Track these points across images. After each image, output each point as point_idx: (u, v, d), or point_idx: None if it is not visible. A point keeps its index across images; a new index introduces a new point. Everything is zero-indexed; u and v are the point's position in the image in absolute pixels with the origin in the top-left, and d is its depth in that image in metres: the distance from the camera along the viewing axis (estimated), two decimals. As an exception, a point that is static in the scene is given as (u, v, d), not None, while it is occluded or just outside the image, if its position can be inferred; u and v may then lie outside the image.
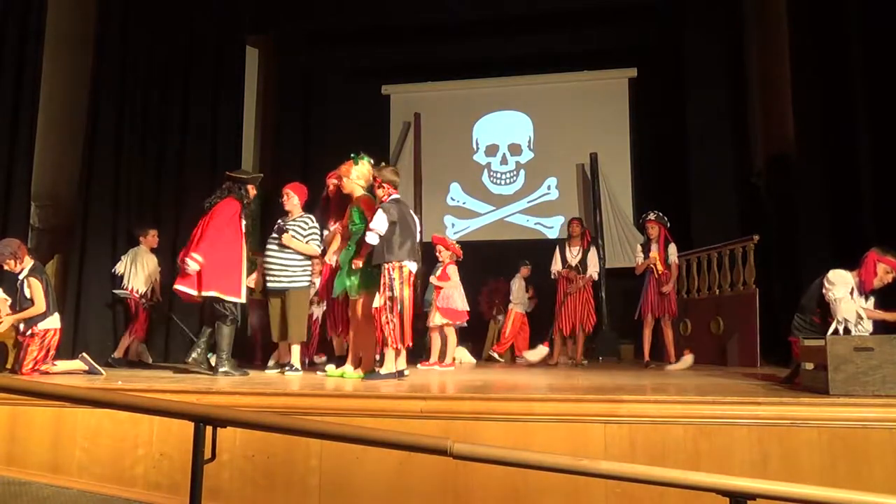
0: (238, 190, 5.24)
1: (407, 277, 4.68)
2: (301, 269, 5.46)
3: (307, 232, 5.46)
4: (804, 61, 6.69)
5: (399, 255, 4.64)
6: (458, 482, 3.21)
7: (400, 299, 4.61)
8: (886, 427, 3.11)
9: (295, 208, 5.59)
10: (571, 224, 7.31)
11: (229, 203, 5.14)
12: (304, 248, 5.43)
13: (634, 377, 5.15)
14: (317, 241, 5.50)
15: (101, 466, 3.55)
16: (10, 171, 5.89)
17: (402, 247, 4.65)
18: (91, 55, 6.80)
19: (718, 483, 2.02)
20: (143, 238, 6.52)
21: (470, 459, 2.20)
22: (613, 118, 10.17)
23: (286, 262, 5.41)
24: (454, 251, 6.70)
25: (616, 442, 3.22)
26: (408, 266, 4.68)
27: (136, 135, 7.03)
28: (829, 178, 6.31)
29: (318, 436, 2.59)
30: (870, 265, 4.14)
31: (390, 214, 4.66)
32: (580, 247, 7.12)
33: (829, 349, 3.41)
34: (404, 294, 4.64)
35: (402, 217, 4.72)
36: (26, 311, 4.92)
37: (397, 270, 4.63)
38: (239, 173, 5.44)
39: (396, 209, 4.72)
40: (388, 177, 4.88)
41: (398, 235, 4.66)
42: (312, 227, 5.50)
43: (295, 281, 5.43)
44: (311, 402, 3.57)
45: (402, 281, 4.63)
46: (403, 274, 4.65)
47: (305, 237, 5.45)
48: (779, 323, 6.52)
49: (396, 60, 10.48)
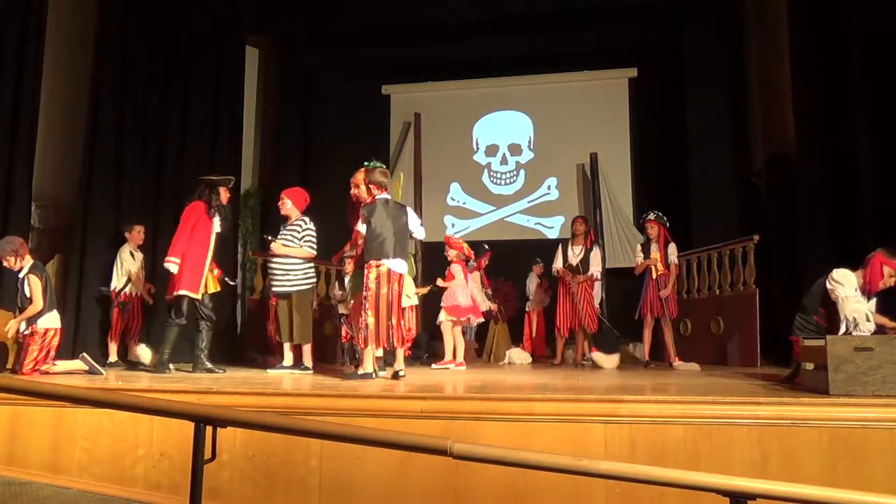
0: (208, 193, 5.41)
1: (385, 276, 4.66)
2: (302, 272, 5.57)
3: (300, 235, 5.55)
4: (804, 61, 6.69)
5: (375, 254, 4.68)
6: (459, 482, 3.21)
7: (376, 298, 4.61)
8: (887, 427, 3.10)
9: (291, 212, 5.65)
10: (575, 222, 7.30)
11: (194, 206, 5.37)
12: (297, 252, 5.52)
13: (634, 377, 5.15)
14: (310, 244, 5.56)
15: (102, 466, 3.55)
16: (10, 171, 5.88)
17: (380, 245, 4.68)
18: (91, 55, 6.80)
19: (718, 483, 2.02)
20: (129, 234, 6.47)
21: (470, 459, 2.20)
22: (613, 118, 10.17)
23: (287, 266, 5.53)
24: (459, 250, 6.69)
25: (616, 442, 3.22)
26: (386, 264, 4.68)
27: (136, 135, 7.03)
28: (830, 178, 6.31)
29: (319, 436, 2.59)
30: (876, 266, 4.11)
31: (366, 213, 4.74)
32: (583, 246, 7.11)
33: (830, 349, 3.41)
34: (381, 293, 4.63)
35: (379, 216, 4.74)
36: (27, 311, 4.93)
37: (374, 269, 4.66)
38: (210, 176, 5.60)
39: (375, 208, 4.76)
40: (375, 178, 4.89)
41: (374, 235, 4.70)
42: (306, 229, 5.57)
43: (298, 284, 5.54)
44: (312, 402, 3.57)
45: (379, 279, 4.64)
46: (381, 272, 4.65)
47: (299, 240, 5.54)
48: (779, 323, 6.51)
49: (396, 60, 10.48)
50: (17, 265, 4.99)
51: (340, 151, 10.22)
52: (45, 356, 4.96)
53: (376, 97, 10.83)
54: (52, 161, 6.66)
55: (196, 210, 5.36)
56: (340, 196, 10.53)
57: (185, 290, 5.23)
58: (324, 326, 8.18)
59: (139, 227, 6.52)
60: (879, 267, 4.11)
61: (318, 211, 5.59)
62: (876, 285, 4.11)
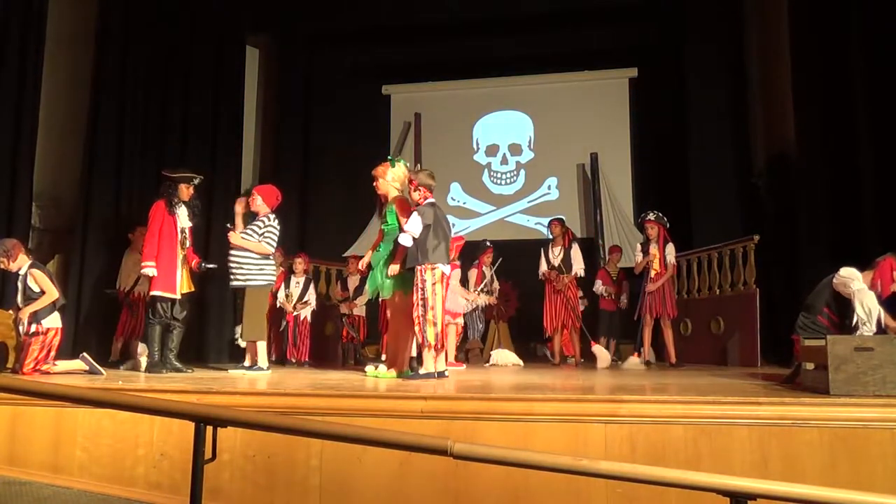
0: (168, 189, 5.44)
1: (440, 279, 4.76)
2: (257, 267, 5.49)
3: (262, 231, 5.50)
4: (804, 61, 6.69)
5: (432, 258, 4.72)
6: (459, 482, 3.21)
7: (433, 300, 4.69)
8: (887, 427, 3.10)
9: (260, 208, 5.60)
10: (551, 225, 7.37)
11: (157, 205, 5.41)
12: (254, 246, 5.47)
13: (634, 377, 5.15)
14: (269, 240, 5.51)
15: (102, 466, 3.55)
16: (11, 171, 5.89)
17: (435, 250, 4.73)
18: (91, 55, 6.81)
19: (719, 483, 2.02)
20: (132, 235, 6.48)
21: (470, 459, 2.20)
22: (614, 118, 10.17)
23: (241, 260, 5.48)
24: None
25: (616, 442, 3.22)
26: (440, 268, 4.77)
27: (136, 135, 7.03)
28: (830, 179, 6.31)
29: (319, 436, 2.59)
30: (886, 270, 4.11)
31: (425, 217, 4.74)
32: (562, 246, 7.14)
33: (830, 349, 3.40)
34: (437, 295, 4.72)
35: (436, 221, 4.80)
36: (40, 300, 4.91)
37: (429, 272, 4.71)
38: (171, 171, 5.60)
39: (431, 213, 4.80)
40: (424, 180, 4.93)
41: (432, 238, 4.73)
42: (268, 226, 5.52)
43: (250, 279, 5.47)
44: (312, 401, 3.57)
45: (435, 282, 4.72)
46: (436, 276, 4.73)
47: (259, 235, 5.49)
48: (779, 323, 6.52)
49: (397, 60, 10.48)
50: (11, 266, 4.96)
51: (340, 151, 10.24)
52: (45, 356, 4.96)
53: (376, 97, 10.83)
54: (52, 161, 6.67)
55: (158, 209, 5.39)
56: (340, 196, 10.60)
57: (160, 290, 5.28)
58: (325, 326, 8.21)
59: (142, 228, 6.52)
60: (890, 270, 4.10)
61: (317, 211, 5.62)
62: (888, 290, 4.10)
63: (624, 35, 9.75)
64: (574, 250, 7.12)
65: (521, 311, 8.85)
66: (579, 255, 7.14)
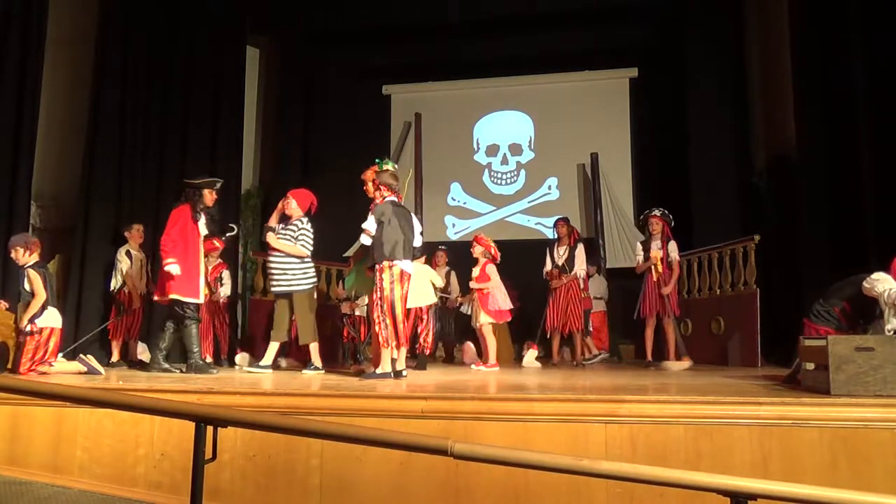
0: (193, 196, 5.49)
1: (398, 277, 4.74)
2: (301, 271, 5.55)
3: (297, 234, 5.55)
4: (804, 61, 6.69)
5: (389, 255, 4.71)
6: (459, 482, 3.21)
7: (391, 298, 4.68)
8: (888, 427, 3.10)
9: (294, 212, 5.65)
10: (557, 225, 7.34)
11: (181, 209, 5.44)
12: (291, 248, 5.51)
13: (635, 377, 5.15)
14: (304, 243, 5.55)
15: (102, 466, 3.55)
16: (11, 171, 5.89)
17: (393, 247, 4.72)
18: (92, 55, 6.80)
19: (719, 483, 2.02)
20: (128, 234, 6.46)
21: (470, 459, 2.19)
22: (614, 118, 10.17)
23: (285, 266, 5.52)
24: (486, 248, 6.61)
25: (617, 442, 3.22)
26: (399, 265, 4.74)
27: (136, 135, 7.02)
28: (830, 179, 6.31)
29: (319, 436, 2.59)
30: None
31: (379, 214, 4.77)
32: (567, 246, 7.13)
33: (831, 349, 3.40)
34: (395, 293, 4.70)
35: (392, 217, 4.78)
36: (33, 303, 4.93)
37: (387, 270, 4.71)
38: (195, 179, 5.66)
39: (387, 210, 4.80)
40: (385, 179, 4.95)
41: (389, 235, 4.73)
42: (302, 229, 5.57)
43: (295, 284, 5.52)
44: (312, 401, 3.57)
45: (393, 280, 4.70)
46: (394, 273, 4.72)
47: (294, 239, 5.53)
48: (779, 323, 6.52)
49: (397, 60, 10.49)
50: (23, 259, 5.03)
51: (340, 151, 10.23)
52: (42, 356, 4.95)
53: (377, 97, 10.83)
54: (52, 161, 6.67)
55: (182, 214, 5.41)
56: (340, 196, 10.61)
57: (183, 295, 5.28)
58: (325, 327, 8.19)
59: (138, 225, 6.50)
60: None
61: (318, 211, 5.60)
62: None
63: (624, 35, 9.75)
64: (578, 250, 7.10)
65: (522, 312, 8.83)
66: (582, 256, 7.12)
